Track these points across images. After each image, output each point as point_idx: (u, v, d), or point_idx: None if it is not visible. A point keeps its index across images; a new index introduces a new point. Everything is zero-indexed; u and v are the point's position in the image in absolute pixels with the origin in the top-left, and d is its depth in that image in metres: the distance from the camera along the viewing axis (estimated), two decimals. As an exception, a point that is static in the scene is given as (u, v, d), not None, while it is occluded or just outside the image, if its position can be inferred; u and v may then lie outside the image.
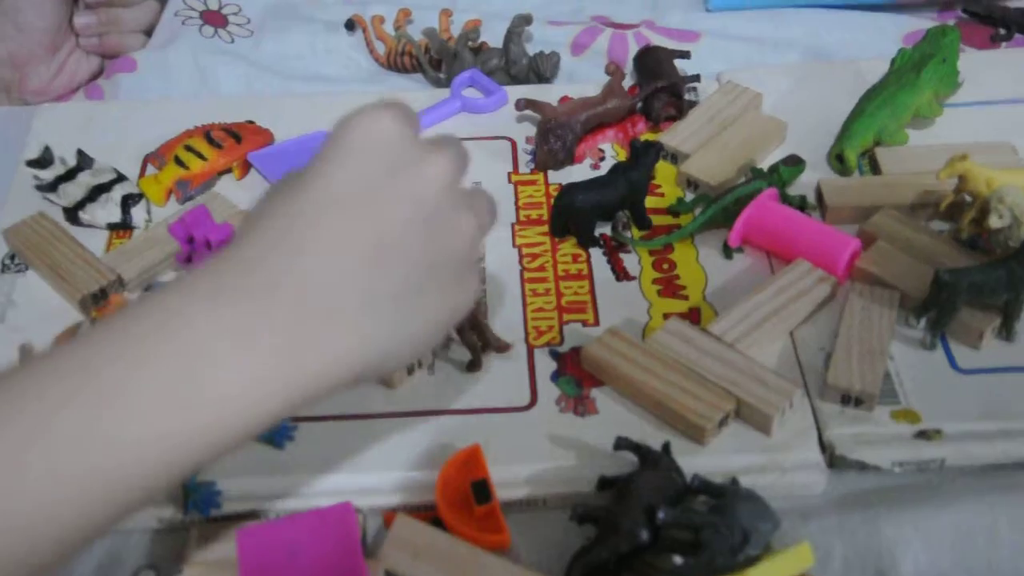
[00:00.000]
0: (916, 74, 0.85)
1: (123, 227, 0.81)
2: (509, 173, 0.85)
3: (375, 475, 0.65)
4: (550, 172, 0.85)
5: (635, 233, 0.80)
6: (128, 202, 0.80)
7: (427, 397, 0.69)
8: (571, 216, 0.78)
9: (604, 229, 0.80)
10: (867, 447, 0.65)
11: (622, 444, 0.63)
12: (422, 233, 0.52)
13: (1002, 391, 0.68)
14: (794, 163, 0.81)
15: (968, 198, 0.75)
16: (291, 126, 0.89)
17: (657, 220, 0.80)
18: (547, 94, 0.90)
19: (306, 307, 0.48)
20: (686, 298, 0.75)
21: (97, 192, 0.80)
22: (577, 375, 0.70)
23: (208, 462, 0.48)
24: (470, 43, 0.96)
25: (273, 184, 0.54)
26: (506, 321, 0.73)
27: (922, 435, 0.65)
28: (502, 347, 0.71)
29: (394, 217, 0.51)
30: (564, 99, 0.89)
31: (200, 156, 0.83)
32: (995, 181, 0.73)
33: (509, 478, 0.64)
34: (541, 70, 0.95)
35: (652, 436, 0.65)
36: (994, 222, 0.71)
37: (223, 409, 0.47)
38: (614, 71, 0.88)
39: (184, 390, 0.46)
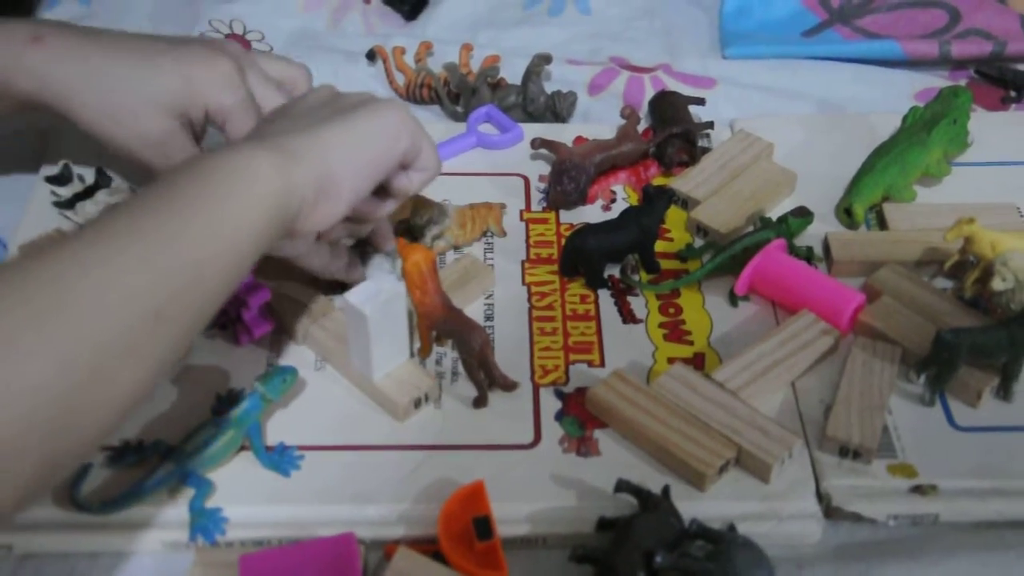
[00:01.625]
0: (927, 133, 0.86)
1: (140, 247, 0.82)
2: (521, 211, 0.87)
3: (378, 507, 0.66)
4: (562, 212, 0.86)
5: (643, 277, 0.81)
6: (146, 223, 0.81)
7: (432, 431, 0.70)
8: (581, 257, 0.79)
9: (613, 271, 0.81)
10: (863, 499, 0.66)
11: (623, 486, 0.64)
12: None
13: (998, 450, 0.69)
14: (803, 215, 0.82)
15: (973, 259, 0.76)
16: (309, 154, 0.90)
17: (665, 265, 0.82)
18: (562, 133, 0.91)
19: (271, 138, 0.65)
20: (691, 343, 0.76)
21: (116, 212, 0.81)
22: (581, 416, 0.71)
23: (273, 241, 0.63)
24: (489, 79, 0.98)
25: None
26: (513, 359, 0.74)
27: (917, 490, 0.66)
28: (508, 385, 0.72)
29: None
30: (578, 139, 0.91)
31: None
32: (1000, 244, 0.74)
33: (510, 515, 0.65)
34: (558, 109, 0.97)
35: (653, 479, 0.66)
36: (997, 285, 0.72)
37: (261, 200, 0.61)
38: (629, 115, 0.90)
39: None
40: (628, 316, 0.78)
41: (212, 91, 0.76)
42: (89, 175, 0.85)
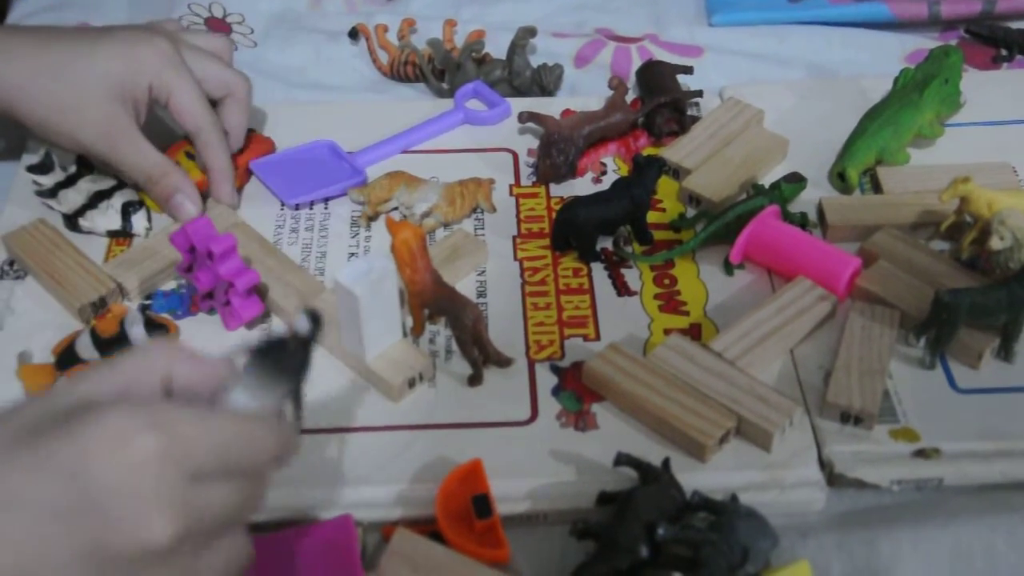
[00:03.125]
0: (919, 94, 0.85)
1: (123, 235, 0.81)
2: (511, 185, 0.86)
3: (376, 488, 0.65)
4: (552, 185, 0.85)
5: (636, 248, 0.80)
6: (128, 209, 0.80)
7: (428, 411, 0.69)
8: (573, 230, 0.78)
9: (605, 244, 0.80)
10: (866, 465, 0.65)
11: (622, 460, 0.63)
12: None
13: (1001, 411, 0.68)
14: (795, 180, 0.81)
15: (969, 219, 0.75)
16: (293, 135, 0.89)
17: (659, 235, 0.81)
18: (550, 107, 0.90)
19: None
20: (687, 314, 0.75)
21: (97, 199, 0.80)
22: (578, 390, 0.70)
23: None
24: (474, 54, 0.96)
25: None
26: (507, 335, 0.73)
27: (920, 454, 0.66)
28: (503, 361, 0.71)
29: None
30: (566, 112, 0.89)
31: (201, 164, 0.83)
32: (996, 203, 0.73)
33: (509, 492, 0.64)
34: (544, 82, 0.95)
35: (652, 452, 0.65)
36: (995, 244, 0.71)
37: None
38: (617, 85, 0.89)
39: None
40: (622, 288, 0.77)
41: (153, 67, 0.77)
42: (71, 163, 0.83)
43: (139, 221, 0.81)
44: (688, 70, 0.94)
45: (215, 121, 0.81)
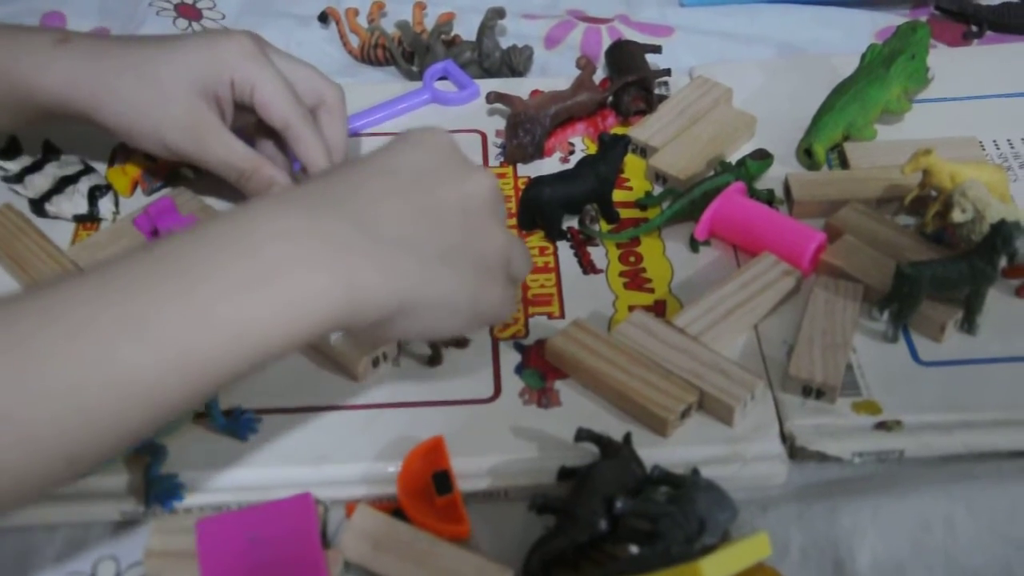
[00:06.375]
0: (885, 70, 0.85)
1: (90, 219, 0.81)
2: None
3: (338, 467, 0.65)
4: (519, 165, 0.85)
5: (603, 226, 0.80)
6: (95, 194, 0.80)
7: (391, 389, 0.69)
8: (538, 209, 0.78)
9: (572, 222, 0.80)
10: (828, 438, 0.65)
11: (583, 435, 0.63)
12: (460, 222, 0.58)
13: (963, 383, 0.68)
14: (761, 157, 0.81)
15: (933, 192, 0.75)
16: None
17: (625, 213, 0.81)
18: (519, 87, 0.90)
19: (358, 231, 0.54)
20: (652, 291, 0.75)
21: (64, 184, 0.80)
22: (541, 367, 0.70)
23: (283, 351, 0.53)
24: (443, 36, 0.96)
25: None
26: (472, 313, 0.73)
27: (882, 426, 0.66)
28: (460, 341, 0.71)
29: (439, 196, 0.58)
30: (535, 93, 0.89)
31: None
32: (959, 175, 0.73)
33: (471, 470, 0.64)
34: (514, 64, 0.95)
35: (615, 428, 0.65)
36: (957, 216, 0.71)
37: (294, 301, 0.52)
38: (584, 65, 0.89)
39: (259, 286, 0.51)
40: (588, 267, 0.77)
41: (236, 61, 0.75)
42: (36, 149, 0.83)
43: (106, 205, 0.81)
44: (657, 49, 0.94)
45: (305, 114, 0.77)
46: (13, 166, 0.82)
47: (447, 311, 0.58)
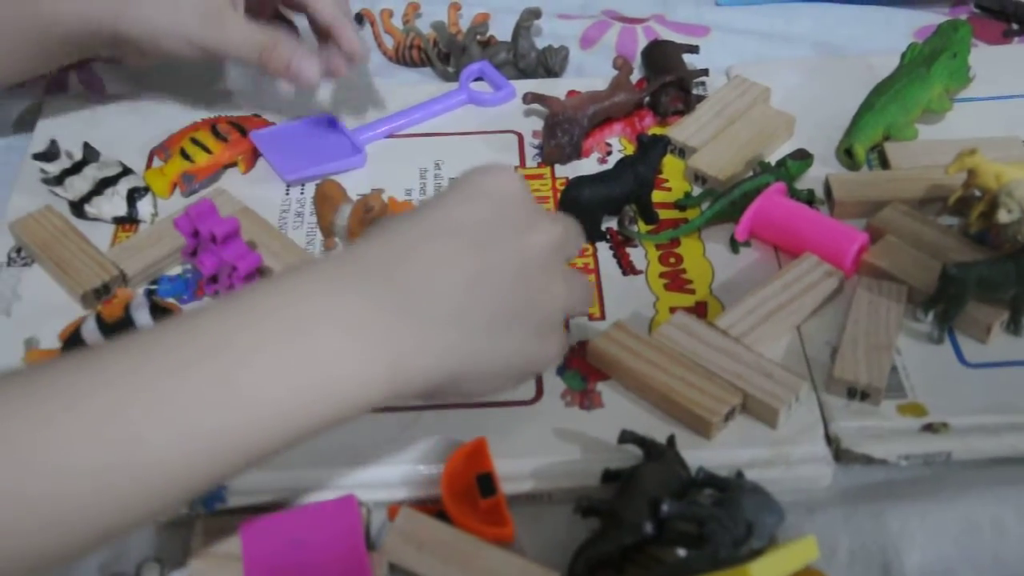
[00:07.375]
0: (927, 69, 0.84)
1: (129, 221, 0.81)
2: (516, 167, 0.85)
3: (381, 469, 0.65)
4: (557, 166, 0.85)
5: (642, 227, 0.79)
6: (134, 195, 0.80)
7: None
8: (577, 210, 0.77)
9: (611, 223, 0.79)
10: (873, 440, 0.65)
11: (627, 438, 0.63)
12: (518, 282, 0.55)
13: (1009, 385, 0.67)
14: (801, 157, 0.81)
15: (977, 193, 0.75)
16: (299, 122, 0.89)
17: (664, 214, 0.80)
18: (555, 88, 0.90)
19: (408, 307, 0.52)
20: (693, 292, 0.75)
21: (103, 185, 0.80)
22: (583, 369, 0.70)
23: (316, 432, 0.52)
24: (479, 37, 0.96)
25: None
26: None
27: (928, 428, 0.65)
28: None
29: (497, 259, 0.55)
30: (572, 93, 0.89)
31: (205, 149, 0.83)
32: (1004, 176, 0.72)
33: (514, 472, 0.64)
34: (550, 64, 0.95)
35: (658, 430, 0.65)
36: (1003, 216, 0.70)
37: (334, 384, 0.51)
38: (622, 65, 0.88)
39: (302, 373, 0.50)
40: (628, 268, 0.77)
41: None
42: (77, 150, 0.84)
43: (144, 207, 0.81)
44: (694, 49, 0.94)
45: (347, 10, 0.83)
46: (53, 168, 0.82)
47: (501, 377, 0.58)
